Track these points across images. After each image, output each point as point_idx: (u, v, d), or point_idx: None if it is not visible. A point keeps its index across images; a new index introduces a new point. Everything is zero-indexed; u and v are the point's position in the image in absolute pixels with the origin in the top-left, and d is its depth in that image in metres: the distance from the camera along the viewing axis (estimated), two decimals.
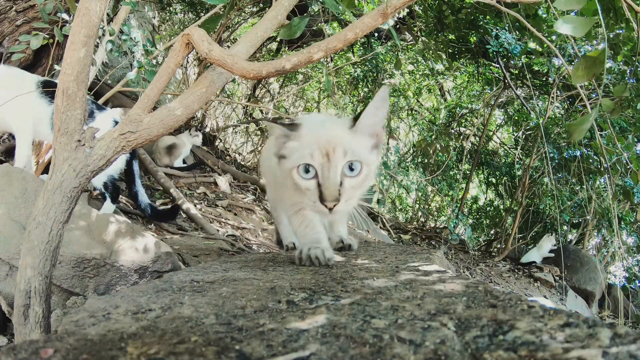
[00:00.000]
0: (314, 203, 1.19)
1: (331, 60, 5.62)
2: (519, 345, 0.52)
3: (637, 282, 5.99)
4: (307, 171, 1.18)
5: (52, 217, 1.17)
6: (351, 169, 1.17)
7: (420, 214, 7.46)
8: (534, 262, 5.14)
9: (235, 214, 4.23)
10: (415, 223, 7.26)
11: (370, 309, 0.73)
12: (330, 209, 1.16)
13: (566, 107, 5.44)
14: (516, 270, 5.08)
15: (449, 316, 0.65)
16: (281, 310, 0.73)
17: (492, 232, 6.87)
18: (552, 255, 5.13)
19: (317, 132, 1.20)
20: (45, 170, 2.69)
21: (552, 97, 4.72)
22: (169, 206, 3.47)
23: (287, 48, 5.87)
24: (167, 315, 0.72)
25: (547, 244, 5.15)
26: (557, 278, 4.97)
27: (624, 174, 4.02)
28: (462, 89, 6.82)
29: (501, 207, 6.84)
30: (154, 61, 2.95)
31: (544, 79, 5.14)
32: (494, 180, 6.80)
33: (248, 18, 5.67)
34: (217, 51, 1.29)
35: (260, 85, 6.72)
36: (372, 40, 5.30)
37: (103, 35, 2.66)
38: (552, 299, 4.53)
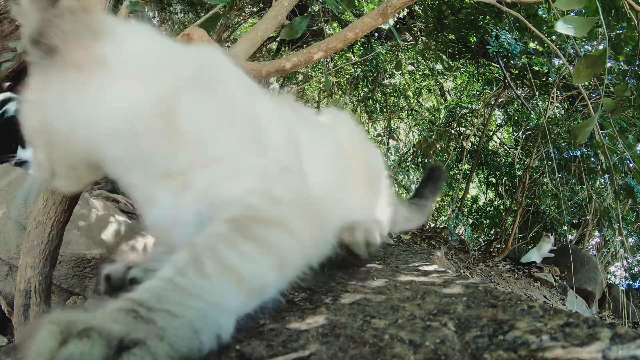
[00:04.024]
0: None
1: (331, 60, 5.62)
2: (519, 345, 0.52)
3: (638, 281, 5.99)
4: None
5: (52, 217, 1.17)
6: None
7: None
8: (534, 262, 5.14)
9: None
10: None
11: (370, 309, 0.72)
12: None
13: (566, 107, 5.44)
14: (516, 270, 5.07)
15: (449, 316, 0.65)
16: (281, 310, 0.73)
17: (492, 232, 6.86)
18: (552, 255, 5.12)
19: None
20: None
21: (552, 97, 4.71)
22: None
23: (287, 48, 5.87)
24: None
25: (547, 244, 5.14)
26: (557, 278, 4.97)
27: (626, 173, 4.01)
28: (462, 89, 6.81)
29: (501, 207, 6.83)
30: None
31: (544, 79, 5.13)
32: (494, 180, 6.79)
33: (248, 18, 5.66)
34: None
35: (260, 85, 6.71)
36: (372, 40, 5.30)
37: None
38: (552, 299, 4.53)
